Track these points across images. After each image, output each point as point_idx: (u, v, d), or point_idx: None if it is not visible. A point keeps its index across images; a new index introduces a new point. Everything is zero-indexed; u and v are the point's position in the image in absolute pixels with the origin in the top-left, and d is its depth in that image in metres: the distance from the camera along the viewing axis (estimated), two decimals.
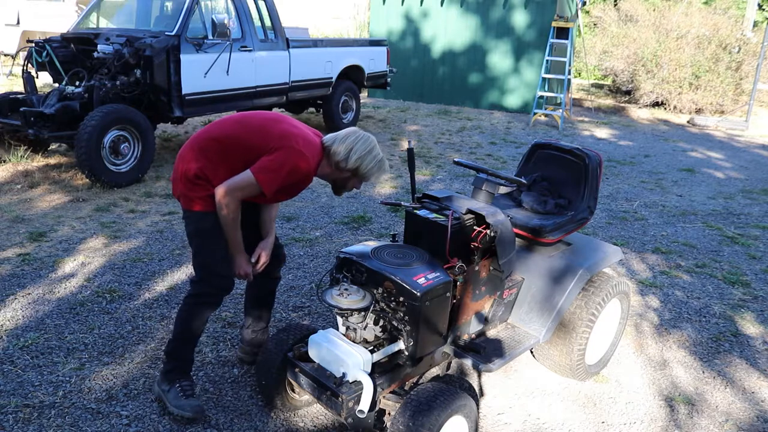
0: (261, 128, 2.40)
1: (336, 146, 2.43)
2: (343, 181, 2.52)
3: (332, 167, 2.46)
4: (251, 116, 2.49)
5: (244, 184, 2.31)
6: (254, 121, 2.44)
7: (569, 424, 2.69)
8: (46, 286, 3.66)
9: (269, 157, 2.31)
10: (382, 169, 2.50)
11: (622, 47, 12.74)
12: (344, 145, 2.42)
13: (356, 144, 2.43)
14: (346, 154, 2.40)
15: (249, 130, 2.40)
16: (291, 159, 2.30)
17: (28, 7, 11.78)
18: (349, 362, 2.19)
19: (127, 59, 5.66)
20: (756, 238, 5.17)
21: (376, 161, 2.46)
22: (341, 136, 2.46)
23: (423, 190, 5.16)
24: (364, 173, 2.45)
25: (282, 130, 2.39)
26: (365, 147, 2.43)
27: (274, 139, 2.34)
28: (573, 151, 3.03)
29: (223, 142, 2.38)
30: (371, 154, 2.44)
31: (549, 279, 2.75)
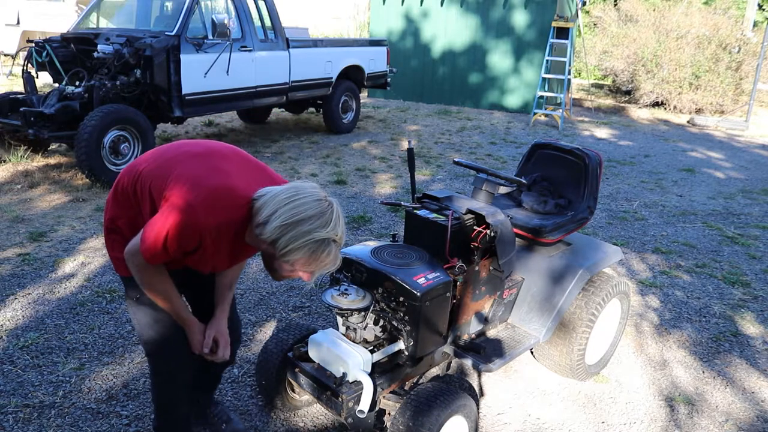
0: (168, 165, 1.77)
1: (262, 202, 1.65)
2: (269, 257, 1.73)
3: (254, 234, 1.69)
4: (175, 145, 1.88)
5: (134, 248, 1.75)
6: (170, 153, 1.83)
7: (569, 424, 2.69)
8: (46, 286, 3.66)
9: (161, 208, 1.71)
10: (320, 253, 1.63)
11: (622, 47, 12.74)
12: (273, 201, 1.63)
13: (288, 203, 1.61)
14: (266, 217, 1.62)
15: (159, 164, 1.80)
16: (175, 215, 1.65)
17: (28, 7, 11.79)
18: (349, 362, 2.19)
19: (127, 59, 5.66)
20: (756, 238, 5.17)
21: (307, 241, 1.60)
22: (277, 190, 1.67)
23: (423, 190, 5.17)
24: (281, 252, 1.62)
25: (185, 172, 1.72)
26: (298, 212, 1.59)
27: (169, 184, 1.71)
28: (573, 151, 3.03)
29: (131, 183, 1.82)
30: (302, 227, 1.59)
31: (549, 279, 2.75)
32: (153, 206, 1.76)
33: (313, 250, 1.62)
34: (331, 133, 8.54)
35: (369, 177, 6.43)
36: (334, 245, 1.66)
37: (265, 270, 4.00)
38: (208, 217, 1.66)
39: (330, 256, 1.67)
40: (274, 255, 1.67)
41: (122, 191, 1.85)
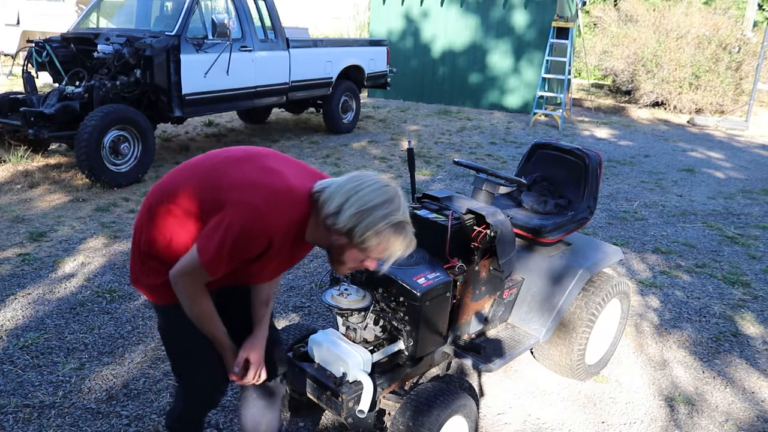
0: (213, 173, 1.67)
1: (329, 193, 1.61)
2: (338, 250, 1.67)
3: (322, 226, 1.64)
4: (212, 155, 1.76)
5: (189, 264, 1.61)
6: (210, 162, 1.72)
7: (569, 424, 2.69)
8: (46, 286, 3.66)
9: (216, 220, 1.59)
10: (394, 239, 1.60)
11: (622, 47, 12.74)
12: (341, 191, 1.59)
13: (358, 191, 1.58)
14: (338, 207, 1.57)
15: (200, 176, 1.68)
16: (241, 221, 1.56)
17: (28, 7, 11.79)
18: (349, 362, 2.19)
19: (127, 59, 5.66)
20: (756, 238, 5.17)
21: (385, 224, 1.57)
22: (342, 179, 1.64)
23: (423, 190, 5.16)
24: (359, 239, 1.58)
25: (238, 175, 1.64)
26: (371, 198, 1.57)
27: (225, 191, 1.61)
28: (573, 151, 3.03)
29: (170, 199, 1.67)
30: (378, 212, 1.56)
31: (549, 279, 2.75)
32: (200, 220, 1.64)
33: (390, 234, 1.59)
34: (331, 133, 8.54)
35: None
36: (408, 227, 1.65)
37: None
38: (275, 218, 1.58)
39: (407, 239, 1.64)
40: (345, 245, 1.62)
41: (157, 212, 1.69)
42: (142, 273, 1.75)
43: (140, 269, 1.75)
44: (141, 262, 1.74)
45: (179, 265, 1.64)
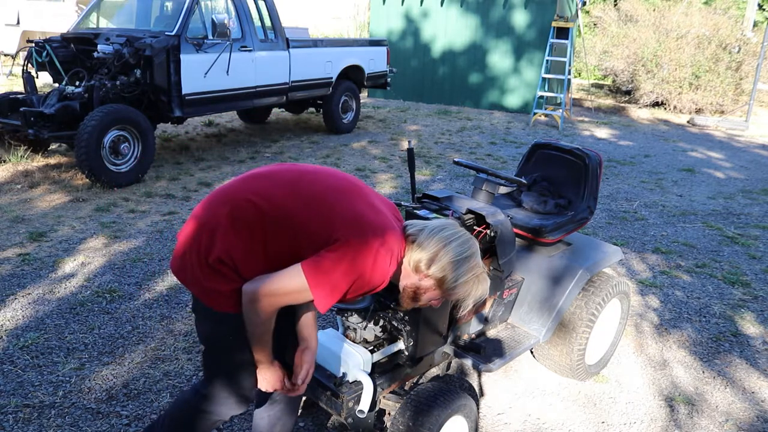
0: (322, 204, 1.67)
1: (422, 239, 1.73)
2: (418, 290, 1.78)
3: (409, 268, 1.76)
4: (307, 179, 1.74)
5: (289, 290, 1.62)
6: (312, 189, 1.71)
7: (569, 424, 2.69)
8: (46, 286, 3.66)
9: (332, 254, 1.60)
10: (478, 288, 1.78)
11: (622, 47, 12.74)
12: (434, 239, 1.72)
13: (450, 243, 1.72)
14: (433, 254, 1.71)
15: (306, 203, 1.67)
16: (365, 261, 1.61)
17: (28, 7, 11.79)
18: (349, 362, 2.19)
19: (127, 59, 5.66)
20: (756, 238, 5.17)
21: (473, 276, 1.75)
22: (432, 226, 1.76)
23: (423, 190, 5.17)
24: (450, 286, 1.74)
25: (356, 213, 1.67)
26: (462, 251, 1.72)
27: (342, 227, 1.63)
28: (573, 151, 3.03)
29: (268, 217, 1.66)
30: (467, 264, 1.73)
31: (549, 279, 2.75)
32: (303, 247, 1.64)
33: (475, 283, 1.76)
34: (331, 133, 8.54)
35: (369, 177, 6.43)
36: (487, 278, 1.81)
37: None
38: (392, 264, 1.68)
39: (485, 287, 1.80)
40: (429, 288, 1.75)
41: (247, 225, 1.66)
42: (207, 276, 1.69)
43: (205, 272, 1.69)
44: (209, 266, 1.68)
45: (269, 283, 1.62)
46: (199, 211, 1.75)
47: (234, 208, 1.68)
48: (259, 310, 1.64)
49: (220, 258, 1.66)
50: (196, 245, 1.70)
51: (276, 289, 1.62)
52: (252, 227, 1.66)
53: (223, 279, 1.68)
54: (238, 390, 1.86)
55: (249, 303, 1.64)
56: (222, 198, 1.72)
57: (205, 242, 1.68)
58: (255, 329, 1.69)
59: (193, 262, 1.70)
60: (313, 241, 1.63)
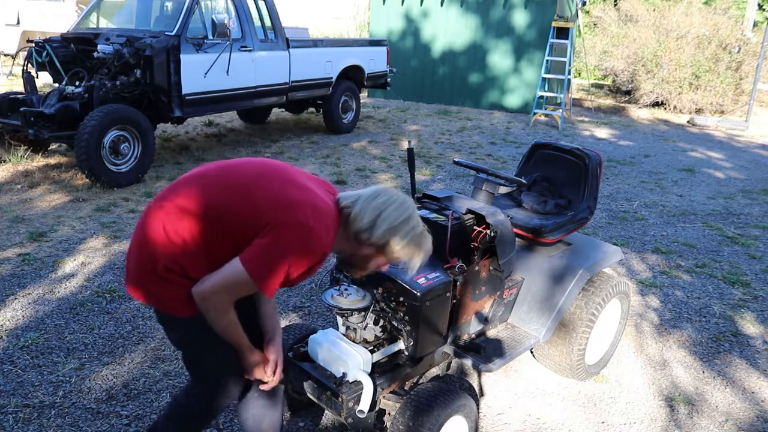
0: (247, 193, 1.70)
1: (358, 210, 1.76)
2: (363, 259, 1.84)
3: (350, 239, 1.79)
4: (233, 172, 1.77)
5: (233, 283, 1.65)
6: (239, 181, 1.73)
7: (569, 424, 2.69)
8: (46, 286, 3.66)
9: (264, 240, 1.63)
10: (420, 248, 1.82)
11: (622, 47, 12.74)
12: (369, 208, 1.76)
13: (386, 208, 1.76)
14: (371, 222, 1.74)
15: (235, 195, 1.70)
16: (297, 240, 1.63)
17: (28, 7, 11.79)
18: (349, 362, 2.19)
19: (127, 59, 5.66)
20: (756, 238, 5.17)
21: (414, 236, 1.79)
22: (366, 195, 1.79)
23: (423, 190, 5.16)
24: (395, 251, 1.79)
25: (279, 195, 1.69)
26: (399, 214, 1.76)
27: (268, 211, 1.65)
28: (573, 151, 3.03)
29: (201, 217, 1.68)
30: (406, 226, 1.77)
31: (549, 279, 2.75)
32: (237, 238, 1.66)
33: (417, 243, 1.81)
34: (331, 133, 8.54)
35: (369, 177, 6.43)
36: (429, 236, 1.86)
37: None
38: (326, 235, 1.69)
39: (428, 246, 1.85)
40: (373, 254, 1.80)
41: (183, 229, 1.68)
42: (160, 288, 1.72)
43: (158, 284, 1.72)
44: (157, 277, 1.71)
45: (213, 282, 1.66)
46: (138, 226, 1.78)
47: (168, 217, 1.70)
48: (213, 308, 1.69)
49: (167, 267, 1.68)
50: (143, 260, 1.73)
51: (221, 285, 1.65)
52: (188, 231, 1.68)
53: (176, 286, 1.70)
54: (224, 383, 1.90)
55: (202, 304, 1.68)
56: (156, 209, 1.74)
57: (150, 255, 1.70)
58: (219, 326, 1.73)
59: (144, 277, 1.73)
60: (247, 231, 1.65)
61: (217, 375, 1.90)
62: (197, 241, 1.68)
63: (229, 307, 1.70)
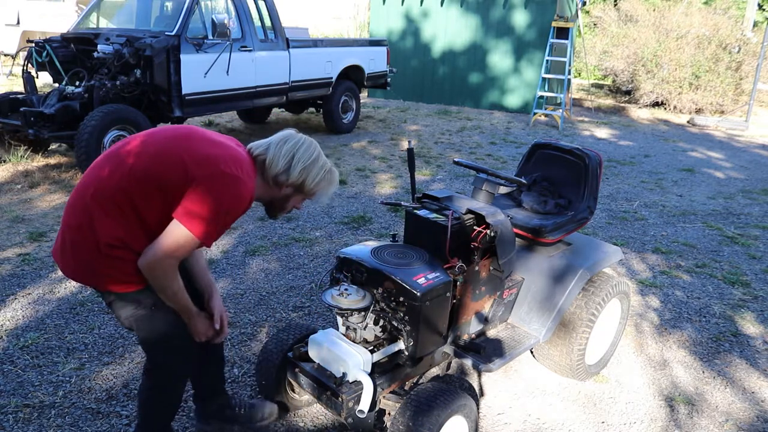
0: (170, 154, 1.78)
1: (272, 155, 1.90)
2: (283, 200, 2.00)
3: (269, 183, 1.94)
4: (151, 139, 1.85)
5: (177, 243, 1.72)
6: (160, 147, 1.81)
7: (569, 424, 2.69)
8: (46, 286, 3.66)
9: (195, 194, 1.72)
10: (332, 181, 2.01)
11: (622, 47, 12.74)
12: (282, 152, 1.90)
13: (298, 151, 1.91)
14: (286, 165, 1.89)
15: (157, 160, 1.77)
16: (226, 189, 1.75)
17: (28, 7, 11.79)
18: (349, 362, 2.19)
19: (127, 59, 5.66)
20: (756, 238, 5.17)
21: (325, 172, 1.97)
22: (276, 141, 1.93)
23: (423, 190, 5.16)
24: (311, 188, 1.96)
25: (201, 152, 1.79)
26: (310, 154, 1.93)
27: (193, 168, 1.74)
28: (573, 151, 3.03)
29: (129, 188, 1.75)
30: (318, 163, 1.94)
31: (549, 279, 2.75)
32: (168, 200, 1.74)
33: (329, 179, 1.99)
34: (331, 133, 8.54)
35: (369, 177, 6.43)
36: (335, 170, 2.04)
37: (265, 270, 4.00)
38: (249, 181, 1.82)
39: (336, 178, 2.03)
40: (291, 195, 1.97)
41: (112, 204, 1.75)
42: (107, 265, 1.78)
43: (103, 263, 1.78)
44: (104, 256, 1.77)
45: (158, 248, 1.73)
46: (67, 215, 1.83)
47: (96, 195, 1.77)
48: (161, 275, 1.77)
49: (109, 243, 1.75)
50: (83, 244, 1.78)
51: (166, 249, 1.73)
52: (120, 204, 1.75)
53: (121, 262, 1.78)
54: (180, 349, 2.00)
55: (149, 272, 1.76)
56: (82, 192, 1.80)
57: (89, 236, 1.76)
58: (167, 292, 1.82)
59: (88, 258, 1.79)
60: (175, 192, 1.73)
61: (169, 344, 1.96)
62: (131, 214, 1.75)
63: (176, 270, 1.79)
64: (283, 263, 4.15)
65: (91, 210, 1.77)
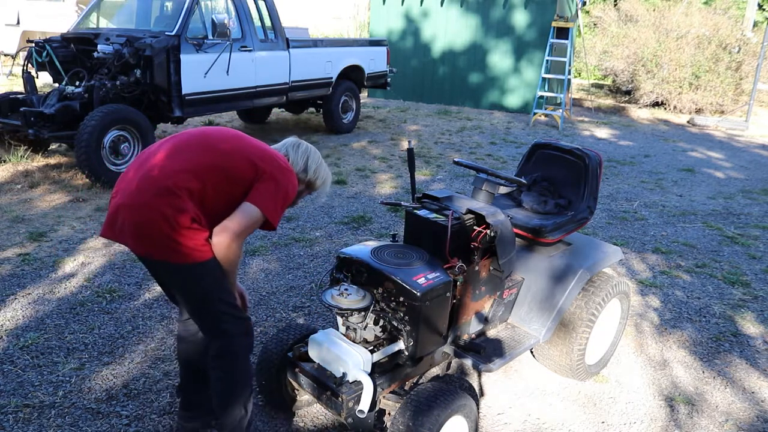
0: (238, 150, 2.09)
1: (293, 157, 2.27)
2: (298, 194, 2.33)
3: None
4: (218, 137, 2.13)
5: (252, 222, 2.03)
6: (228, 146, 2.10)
7: (569, 424, 2.69)
8: (46, 286, 3.66)
9: (265, 185, 2.05)
10: (330, 180, 2.43)
11: (622, 47, 12.74)
12: (299, 155, 2.28)
13: (310, 154, 2.31)
14: (304, 165, 2.27)
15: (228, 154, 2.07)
16: (286, 180, 2.11)
17: (28, 7, 11.79)
18: (349, 362, 2.19)
19: (127, 59, 5.66)
20: (756, 238, 5.17)
21: (328, 173, 2.39)
22: (290, 145, 2.30)
23: (423, 190, 5.16)
24: (321, 185, 2.35)
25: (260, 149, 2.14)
26: (318, 157, 2.34)
27: (259, 162, 2.07)
28: (573, 151, 3.03)
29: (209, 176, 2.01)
30: (323, 165, 2.35)
31: (549, 279, 2.75)
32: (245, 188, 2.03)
33: (329, 177, 2.37)
34: (331, 133, 8.54)
35: (369, 177, 6.43)
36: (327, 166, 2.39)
37: (264, 270, 4.00)
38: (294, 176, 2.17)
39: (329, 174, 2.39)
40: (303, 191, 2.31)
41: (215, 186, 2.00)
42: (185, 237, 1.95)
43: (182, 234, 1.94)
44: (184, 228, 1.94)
45: (235, 227, 1.99)
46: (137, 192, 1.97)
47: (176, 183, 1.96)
48: (234, 251, 2.04)
49: (193, 218, 1.96)
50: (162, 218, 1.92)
51: (240, 229, 2.00)
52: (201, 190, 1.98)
53: (196, 234, 1.97)
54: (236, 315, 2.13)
55: (225, 250, 2.01)
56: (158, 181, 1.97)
57: (171, 212, 1.93)
58: (232, 265, 2.09)
59: (166, 231, 1.93)
60: (245, 180, 2.04)
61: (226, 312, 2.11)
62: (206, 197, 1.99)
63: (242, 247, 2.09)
64: (283, 263, 4.15)
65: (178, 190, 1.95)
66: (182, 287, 2.08)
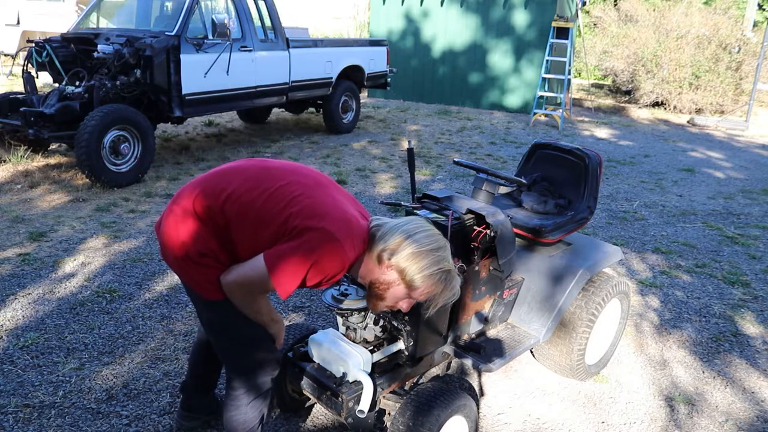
0: (284, 196, 1.71)
1: (387, 229, 1.74)
2: (383, 286, 1.76)
3: (373, 260, 1.75)
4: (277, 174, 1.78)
5: (254, 277, 1.68)
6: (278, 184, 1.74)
7: (569, 424, 2.69)
8: (46, 286, 3.66)
9: (292, 243, 1.64)
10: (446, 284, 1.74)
11: (622, 47, 12.74)
12: (399, 230, 1.72)
13: (416, 233, 1.71)
14: (396, 243, 1.70)
15: (269, 196, 1.71)
16: (321, 248, 1.62)
17: (28, 7, 11.78)
18: (349, 362, 2.19)
19: (127, 59, 5.66)
20: (756, 238, 5.17)
21: (440, 269, 1.71)
22: (399, 220, 1.78)
23: (423, 190, 5.16)
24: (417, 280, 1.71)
25: (313, 200, 1.69)
26: (429, 242, 1.70)
27: (299, 214, 1.66)
28: (573, 151, 3.03)
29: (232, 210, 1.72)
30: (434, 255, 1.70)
31: (549, 279, 2.75)
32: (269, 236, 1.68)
33: (441, 279, 1.72)
34: (331, 133, 8.54)
35: (369, 177, 6.43)
36: (456, 278, 1.77)
37: None
38: (350, 251, 1.67)
39: (453, 288, 1.77)
40: (392, 282, 1.73)
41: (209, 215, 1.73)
42: (193, 268, 1.77)
43: (190, 265, 1.77)
44: (191, 260, 1.75)
45: (238, 276, 1.71)
46: (174, 207, 1.80)
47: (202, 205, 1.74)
48: (237, 299, 1.76)
49: (200, 251, 1.73)
50: (177, 241, 1.76)
51: (242, 280, 1.71)
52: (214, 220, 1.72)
53: (207, 269, 1.75)
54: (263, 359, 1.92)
55: (229, 294, 1.76)
56: (192, 194, 1.77)
57: (184, 238, 1.74)
58: (247, 310, 1.81)
59: (179, 256, 1.77)
60: (273, 231, 1.67)
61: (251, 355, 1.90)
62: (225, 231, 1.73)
63: (255, 297, 1.77)
64: None
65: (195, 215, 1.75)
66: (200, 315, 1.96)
